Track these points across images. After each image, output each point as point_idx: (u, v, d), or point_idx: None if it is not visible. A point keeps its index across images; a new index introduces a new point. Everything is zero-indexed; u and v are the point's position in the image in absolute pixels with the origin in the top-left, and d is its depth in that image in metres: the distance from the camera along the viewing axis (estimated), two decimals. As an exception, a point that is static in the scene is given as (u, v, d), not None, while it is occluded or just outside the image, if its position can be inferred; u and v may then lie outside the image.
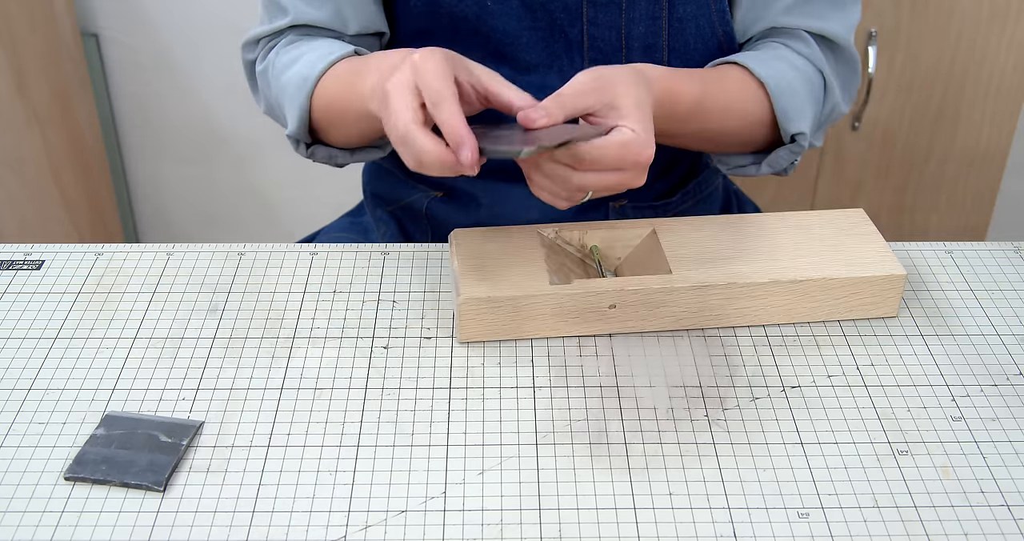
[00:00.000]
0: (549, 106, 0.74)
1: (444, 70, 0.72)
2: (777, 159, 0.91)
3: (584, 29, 0.93)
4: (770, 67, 0.89)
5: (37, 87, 1.62)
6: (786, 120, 0.88)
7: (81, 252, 0.88)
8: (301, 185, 1.90)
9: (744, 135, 0.90)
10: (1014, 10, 1.57)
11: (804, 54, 0.92)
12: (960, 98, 1.66)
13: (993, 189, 1.75)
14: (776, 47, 0.93)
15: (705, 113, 0.86)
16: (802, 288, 0.78)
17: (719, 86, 0.87)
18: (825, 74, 0.92)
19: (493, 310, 0.76)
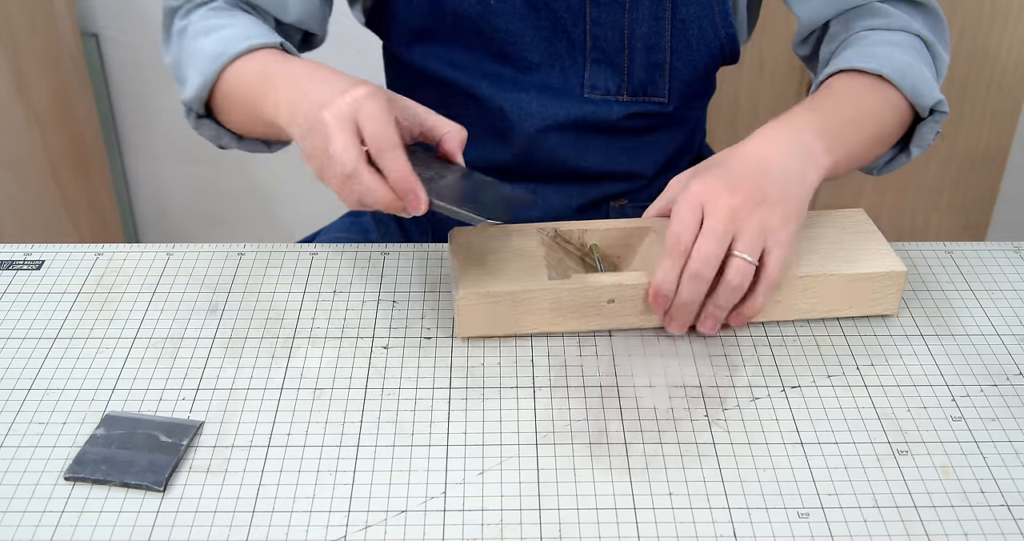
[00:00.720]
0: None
1: (388, 116, 0.71)
2: (922, 137, 0.88)
3: (587, 29, 0.93)
4: (876, 58, 0.85)
5: (37, 87, 1.62)
6: (919, 97, 0.85)
7: (81, 252, 0.88)
8: (301, 185, 1.90)
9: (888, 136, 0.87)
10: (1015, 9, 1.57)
11: (892, 27, 0.89)
12: (961, 98, 1.66)
13: (993, 189, 1.75)
14: (864, 36, 0.89)
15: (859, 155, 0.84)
16: (802, 284, 0.78)
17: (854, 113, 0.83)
18: (922, 35, 0.89)
19: (492, 305, 0.76)
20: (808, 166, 0.77)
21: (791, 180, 0.76)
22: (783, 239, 0.74)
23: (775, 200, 0.74)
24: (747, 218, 0.73)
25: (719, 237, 0.72)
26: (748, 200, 0.73)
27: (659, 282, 0.74)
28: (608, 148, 0.99)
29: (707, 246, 0.72)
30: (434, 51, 0.97)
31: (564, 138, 0.97)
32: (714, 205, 0.73)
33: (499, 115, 0.96)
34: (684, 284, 0.73)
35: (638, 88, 0.96)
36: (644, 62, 0.94)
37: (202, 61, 0.84)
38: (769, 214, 0.73)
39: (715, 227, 0.72)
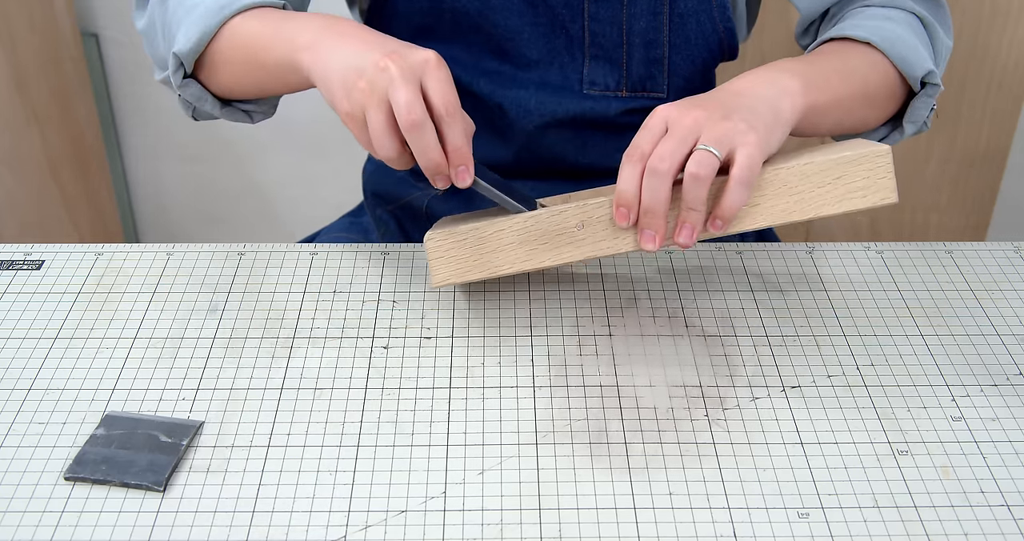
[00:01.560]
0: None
1: (452, 82, 0.71)
2: (915, 111, 0.87)
3: (585, 25, 0.93)
4: (866, 28, 0.85)
5: (36, 87, 1.62)
6: (908, 66, 0.84)
7: (81, 252, 0.88)
8: (301, 185, 1.90)
9: (875, 98, 0.85)
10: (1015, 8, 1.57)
11: (888, 3, 0.89)
12: (960, 97, 1.65)
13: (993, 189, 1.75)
14: (859, 11, 0.90)
15: (841, 107, 0.82)
16: (778, 179, 0.74)
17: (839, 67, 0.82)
18: (918, 12, 0.89)
19: (458, 245, 0.75)
20: (783, 97, 0.76)
21: (762, 102, 0.75)
22: (750, 140, 0.71)
23: (743, 111, 0.73)
24: (712, 123, 0.71)
25: (680, 138, 0.71)
26: (713, 111, 0.72)
27: (619, 189, 0.72)
28: (607, 144, 0.99)
29: (666, 145, 0.71)
30: (433, 48, 0.96)
31: (563, 135, 0.97)
32: (679, 115, 0.72)
33: (498, 112, 0.96)
34: (645, 184, 0.71)
35: (637, 84, 0.96)
36: (643, 57, 0.94)
37: (201, 13, 0.82)
38: (736, 122, 0.72)
39: (676, 131, 0.71)
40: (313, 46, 0.75)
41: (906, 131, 0.88)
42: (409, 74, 0.70)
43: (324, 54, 0.74)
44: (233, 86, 0.85)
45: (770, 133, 0.74)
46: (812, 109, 0.78)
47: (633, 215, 0.72)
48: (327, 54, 0.74)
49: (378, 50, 0.72)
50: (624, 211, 0.72)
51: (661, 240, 0.73)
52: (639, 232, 0.73)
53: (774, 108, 0.75)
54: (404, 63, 0.70)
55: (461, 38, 0.95)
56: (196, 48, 0.82)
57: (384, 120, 0.71)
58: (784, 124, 0.76)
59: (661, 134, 0.72)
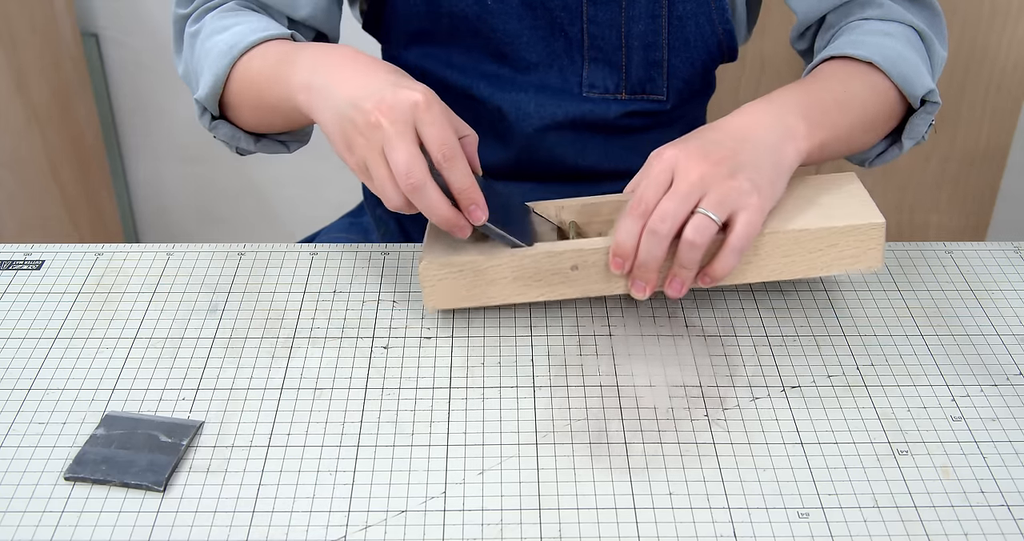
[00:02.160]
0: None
1: (448, 121, 0.72)
2: (914, 128, 0.87)
3: (584, 27, 0.93)
4: (867, 46, 0.85)
5: (37, 87, 1.62)
6: (910, 86, 0.84)
7: (81, 252, 0.88)
8: (301, 185, 1.90)
9: (876, 123, 0.86)
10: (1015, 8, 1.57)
11: (887, 18, 0.89)
12: (960, 97, 1.65)
13: (993, 189, 1.75)
14: (858, 25, 0.89)
15: (843, 139, 0.83)
16: (772, 242, 0.75)
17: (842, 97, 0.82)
18: (916, 26, 0.89)
19: (454, 275, 0.76)
20: (787, 142, 0.76)
21: (767, 152, 0.75)
22: (752, 203, 0.72)
23: (748, 169, 0.73)
24: (716, 182, 0.72)
25: (683, 197, 0.71)
26: (720, 166, 0.72)
27: (618, 241, 0.73)
28: (607, 147, 0.99)
29: (669, 204, 0.72)
30: (431, 52, 0.97)
31: (563, 137, 0.97)
32: (684, 168, 0.72)
33: (497, 116, 0.96)
34: (643, 242, 0.72)
35: (636, 86, 0.96)
36: (642, 60, 0.94)
37: (213, 58, 0.84)
38: (740, 182, 0.72)
39: (680, 187, 0.72)
40: (308, 87, 0.76)
41: (905, 146, 0.88)
42: (402, 126, 0.70)
43: (318, 97, 0.75)
44: (256, 124, 0.87)
45: (773, 190, 0.75)
46: (816, 148, 0.79)
47: (628, 266, 0.74)
48: (321, 97, 0.75)
49: (369, 98, 0.72)
50: (620, 261, 0.74)
51: (651, 291, 0.75)
52: (631, 281, 0.75)
53: (778, 159, 0.76)
54: (394, 115, 0.70)
55: (460, 41, 0.95)
56: (213, 93, 0.84)
57: (387, 175, 0.72)
58: (787, 173, 0.76)
59: (666, 185, 0.73)
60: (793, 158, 0.77)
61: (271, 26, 0.86)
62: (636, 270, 0.74)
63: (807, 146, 0.78)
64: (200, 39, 0.88)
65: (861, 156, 0.90)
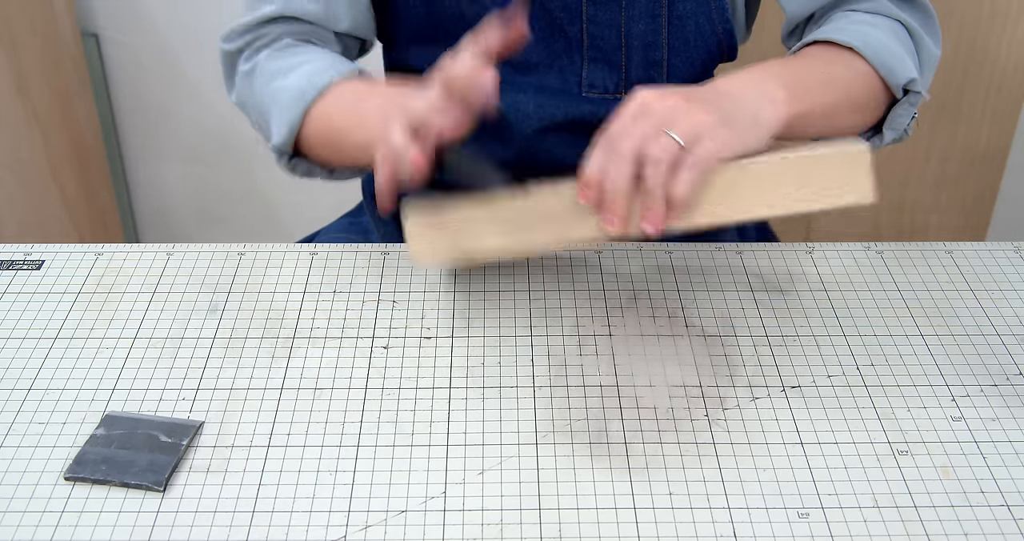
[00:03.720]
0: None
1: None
2: (896, 119, 0.86)
3: (584, 27, 0.93)
4: (850, 33, 0.85)
5: (37, 87, 1.62)
6: (891, 74, 0.84)
7: (81, 252, 0.88)
8: (301, 185, 1.90)
9: (858, 104, 0.85)
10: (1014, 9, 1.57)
11: (875, 11, 0.89)
12: (960, 97, 1.66)
13: (993, 189, 1.75)
14: (845, 14, 0.89)
15: (824, 115, 0.82)
16: (752, 174, 0.73)
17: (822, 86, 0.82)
18: (904, 21, 0.89)
19: (436, 225, 0.75)
20: (766, 104, 0.76)
21: (743, 106, 0.74)
22: (720, 135, 0.71)
23: (723, 114, 0.72)
24: (688, 115, 0.71)
25: (651, 123, 0.70)
26: (692, 104, 0.71)
27: (586, 169, 0.72)
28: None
29: (635, 127, 0.70)
30: (431, 53, 0.96)
31: (563, 137, 0.97)
32: (656, 100, 0.71)
33: (497, 116, 0.96)
34: (609, 166, 0.71)
35: (636, 86, 0.96)
36: (641, 60, 0.94)
37: (285, 103, 0.86)
38: (711, 116, 0.71)
39: (650, 115, 0.71)
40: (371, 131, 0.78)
41: (885, 138, 0.88)
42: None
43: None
44: (338, 163, 0.89)
45: (745, 134, 0.73)
46: (796, 118, 0.78)
47: (595, 195, 0.72)
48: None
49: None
50: (587, 192, 0.72)
51: (620, 223, 0.71)
52: (601, 214, 0.72)
53: (755, 112, 0.75)
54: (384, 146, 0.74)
55: (459, 42, 0.95)
56: (288, 140, 0.86)
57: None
58: (763, 129, 0.75)
59: (636, 120, 0.72)
60: (771, 118, 0.75)
61: (335, 63, 0.87)
62: (604, 199, 0.71)
63: (786, 111, 0.77)
64: (260, 79, 0.89)
65: None
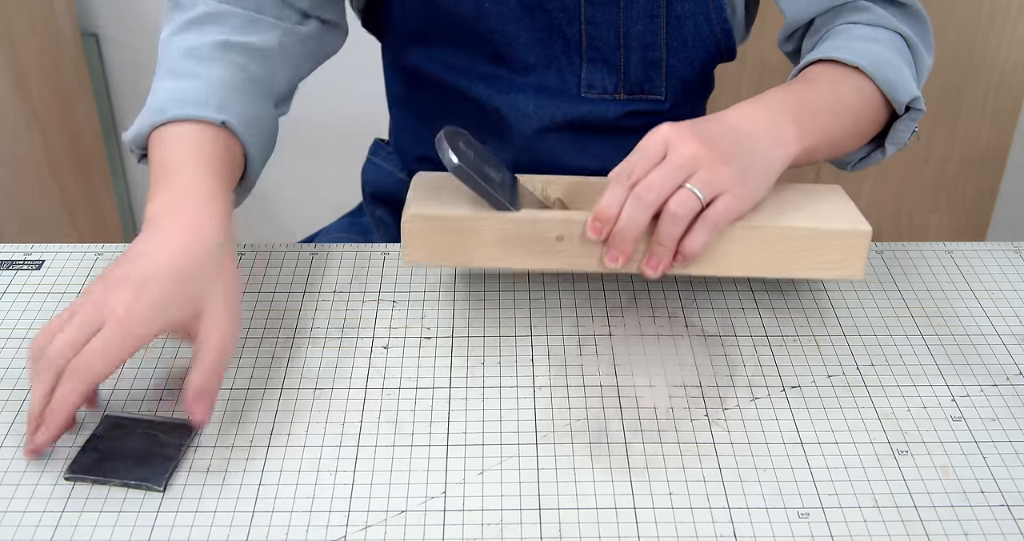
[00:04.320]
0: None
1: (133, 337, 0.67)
2: (897, 133, 0.87)
3: (582, 28, 0.93)
4: (854, 50, 0.85)
5: (37, 87, 1.62)
6: (895, 92, 0.84)
7: (81, 252, 0.88)
8: (301, 185, 1.90)
9: (863, 129, 0.86)
10: (1014, 9, 1.57)
11: (874, 22, 0.89)
12: (960, 97, 1.66)
13: (993, 189, 1.75)
14: (846, 28, 0.89)
15: (831, 143, 0.83)
16: (758, 236, 0.75)
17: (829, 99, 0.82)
18: (902, 32, 0.89)
19: (437, 230, 0.75)
20: (778, 146, 0.77)
21: (759, 152, 0.75)
22: (738, 192, 0.73)
23: (740, 162, 0.73)
24: (708, 163, 0.72)
25: (674, 170, 0.71)
26: (714, 149, 0.72)
27: (601, 204, 0.72)
28: (607, 147, 0.99)
29: (659, 174, 0.71)
30: (429, 53, 0.97)
31: (562, 138, 0.97)
32: (679, 144, 0.72)
33: (496, 117, 0.96)
34: (626, 207, 0.72)
35: (635, 86, 0.96)
36: (640, 60, 0.94)
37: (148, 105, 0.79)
38: (731, 168, 0.72)
39: (673, 160, 0.72)
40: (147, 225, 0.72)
41: (888, 152, 0.88)
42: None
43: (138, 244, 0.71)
44: None
45: (759, 188, 0.75)
46: (804, 152, 0.79)
47: (606, 232, 0.73)
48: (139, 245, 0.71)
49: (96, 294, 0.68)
50: (599, 226, 0.73)
51: (624, 262, 0.74)
52: (607, 248, 0.74)
53: (769, 160, 0.76)
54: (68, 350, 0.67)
55: (457, 43, 0.95)
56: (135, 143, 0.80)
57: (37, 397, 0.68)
58: (774, 176, 0.77)
59: (658, 158, 0.73)
60: (781, 163, 0.77)
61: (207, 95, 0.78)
62: (613, 237, 0.73)
63: (796, 150, 0.78)
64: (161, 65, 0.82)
65: (844, 160, 0.90)
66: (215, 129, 0.78)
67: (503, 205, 0.75)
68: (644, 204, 0.71)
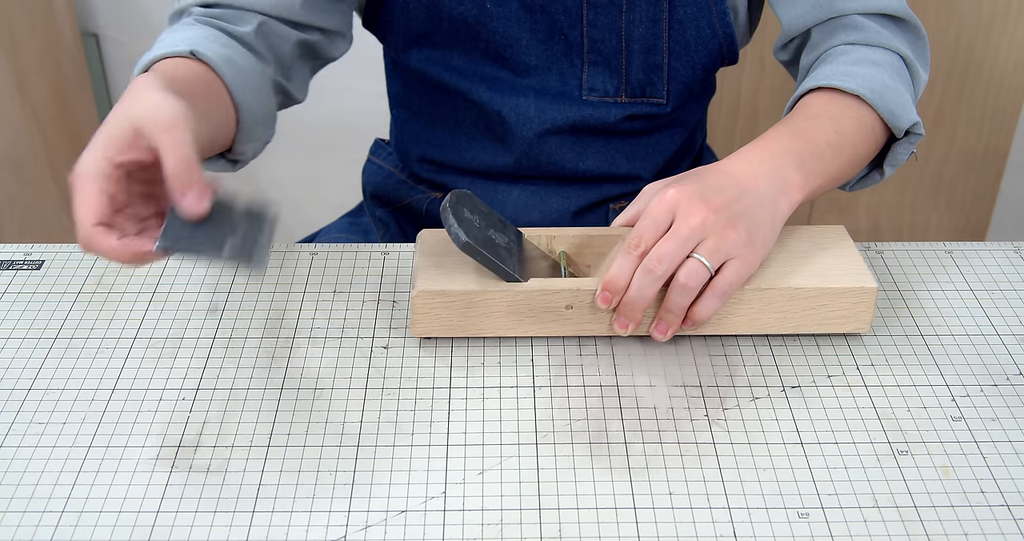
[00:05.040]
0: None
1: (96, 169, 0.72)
2: (896, 156, 0.87)
3: (584, 31, 0.93)
4: (855, 77, 0.84)
5: (37, 87, 1.62)
6: (895, 119, 0.84)
7: (81, 252, 0.88)
8: (301, 185, 1.90)
9: (863, 160, 0.86)
10: (1014, 10, 1.58)
11: (872, 42, 0.88)
12: (960, 98, 1.66)
13: (993, 189, 1.76)
14: (845, 50, 0.88)
15: (834, 179, 0.83)
16: (766, 297, 0.77)
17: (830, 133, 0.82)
18: (901, 52, 0.89)
19: (446, 305, 0.76)
20: (781, 196, 0.77)
21: (765, 206, 0.76)
22: (746, 255, 0.74)
23: (746, 220, 0.74)
24: (715, 230, 0.73)
25: (682, 240, 0.72)
26: (720, 213, 0.73)
27: (611, 275, 0.73)
28: (607, 150, 0.99)
29: (667, 245, 0.72)
30: (431, 55, 0.96)
31: (563, 141, 0.97)
32: (686, 212, 0.73)
33: (497, 119, 0.96)
34: (635, 279, 0.73)
35: (636, 89, 0.96)
36: (642, 63, 0.94)
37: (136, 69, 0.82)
38: (739, 232, 0.73)
39: (681, 231, 0.72)
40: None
41: (886, 173, 0.89)
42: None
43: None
44: None
45: (766, 244, 0.76)
46: (807, 196, 0.80)
47: (616, 301, 0.74)
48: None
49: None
50: (608, 296, 0.74)
51: (634, 329, 0.76)
52: (616, 316, 0.75)
53: (774, 214, 0.77)
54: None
55: (459, 45, 0.95)
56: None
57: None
58: (780, 226, 0.78)
59: (665, 226, 0.73)
60: (787, 211, 0.78)
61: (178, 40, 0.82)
62: (623, 307, 0.74)
63: (800, 197, 0.79)
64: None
65: (842, 184, 0.90)
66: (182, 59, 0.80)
67: (512, 277, 0.75)
68: (654, 277, 0.72)
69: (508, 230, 0.80)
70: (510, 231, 0.80)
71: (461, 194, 0.77)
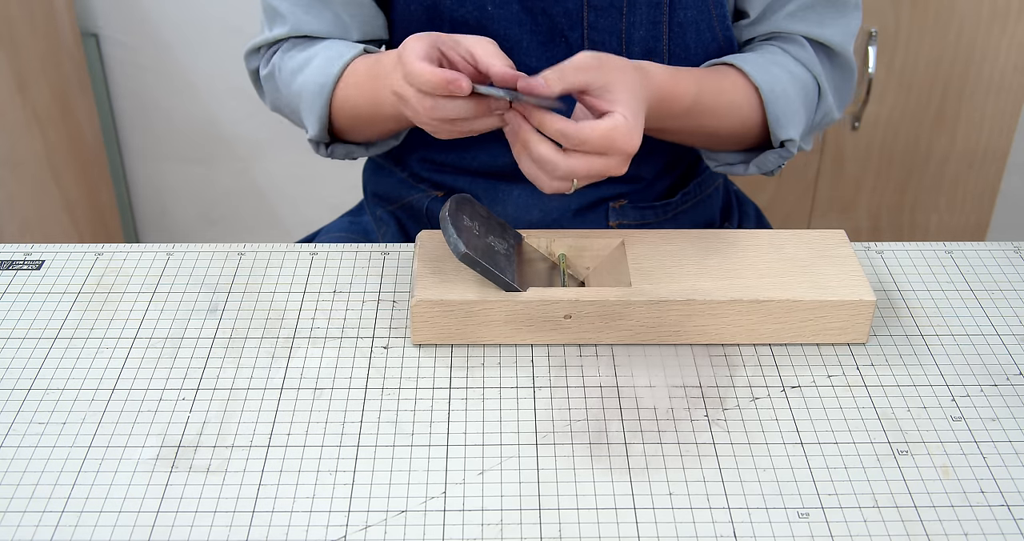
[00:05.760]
0: (549, 75, 0.74)
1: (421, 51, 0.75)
2: (765, 161, 0.92)
3: (584, 34, 0.93)
4: (766, 72, 0.89)
5: (37, 87, 1.62)
6: (777, 126, 0.89)
7: (81, 252, 0.88)
8: (301, 185, 1.90)
9: (736, 136, 0.91)
10: (1014, 10, 1.57)
11: (801, 59, 0.92)
12: (960, 98, 1.66)
13: (993, 189, 1.75)
14: (774, 51, 0.93)
15: (699, 113, 0.86)
16: (764, 308, 0.77)
17: (715, 87, 0.87)
18: (820, 80, 0.93)
19: (445, 314, 0.76)
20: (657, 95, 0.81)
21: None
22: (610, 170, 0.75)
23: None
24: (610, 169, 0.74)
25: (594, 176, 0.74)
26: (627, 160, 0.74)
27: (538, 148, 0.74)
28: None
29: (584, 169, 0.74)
30: None
31: None
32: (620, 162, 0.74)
33: (498, 120, 0.96)
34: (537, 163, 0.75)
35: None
36: None
37: (308, 99, 0.90)
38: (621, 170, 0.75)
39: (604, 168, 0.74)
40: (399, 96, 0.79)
41: (750, 170, 0.93)
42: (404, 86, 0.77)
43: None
44: (376, 137, 0.94)
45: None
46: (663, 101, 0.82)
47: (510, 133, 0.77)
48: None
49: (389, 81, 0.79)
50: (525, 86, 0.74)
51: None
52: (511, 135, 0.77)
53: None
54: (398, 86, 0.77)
55: None
56: (321, 131, 0.91)
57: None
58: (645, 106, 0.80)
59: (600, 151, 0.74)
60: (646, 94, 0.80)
61: (343, 49, 0.90)
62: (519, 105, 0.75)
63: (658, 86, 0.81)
64: (282, 81, 0.93)
65: (707, 159, 0.95)
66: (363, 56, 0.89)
67: (511, 286, 0.76)
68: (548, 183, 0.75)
69: (507, 234, 0.80)
70: (509, 235, 0.80)
71: (460, 199, 0.77)
